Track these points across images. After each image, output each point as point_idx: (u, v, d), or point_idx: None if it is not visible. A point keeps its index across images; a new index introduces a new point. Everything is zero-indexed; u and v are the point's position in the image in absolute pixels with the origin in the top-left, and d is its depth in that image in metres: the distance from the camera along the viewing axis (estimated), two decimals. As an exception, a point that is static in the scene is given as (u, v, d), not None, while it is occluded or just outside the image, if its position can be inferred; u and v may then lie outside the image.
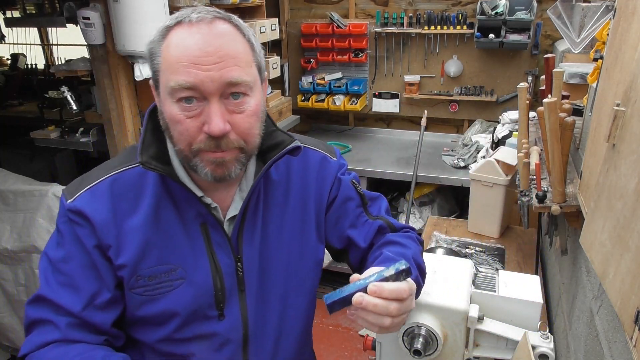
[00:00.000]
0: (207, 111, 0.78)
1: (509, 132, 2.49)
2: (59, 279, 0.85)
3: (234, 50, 0.78)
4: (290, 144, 0.91)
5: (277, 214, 0.97)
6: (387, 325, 0.76)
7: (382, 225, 1.03)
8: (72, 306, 0.84)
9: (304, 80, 3.59)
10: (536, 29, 3.01)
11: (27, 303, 0.87)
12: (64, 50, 4.89)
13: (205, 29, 0.77)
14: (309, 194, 1.00)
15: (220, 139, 0.79)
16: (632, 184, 0.68)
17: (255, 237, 0.94)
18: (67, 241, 0.86)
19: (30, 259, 2.24)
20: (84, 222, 0.85)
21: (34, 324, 0.85)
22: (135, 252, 0.86)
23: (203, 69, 0.75)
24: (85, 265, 0.86)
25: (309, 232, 1.01)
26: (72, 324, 0.84)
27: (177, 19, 0.79)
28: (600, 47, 1.20)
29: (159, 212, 0.87)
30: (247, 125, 0.82)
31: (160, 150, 0.88)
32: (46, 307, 0.85)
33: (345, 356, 2.75)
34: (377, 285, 0.74)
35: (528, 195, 1.27)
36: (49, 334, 0.83)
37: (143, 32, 1.93)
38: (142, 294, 0.87)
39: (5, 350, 2.54)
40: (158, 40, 0.80)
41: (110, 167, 0.90)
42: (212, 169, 0.82)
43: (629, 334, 0.64)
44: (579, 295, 1.15)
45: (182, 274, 0.88)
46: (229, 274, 0.91)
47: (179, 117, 0.78)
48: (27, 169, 2.86)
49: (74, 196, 0.87)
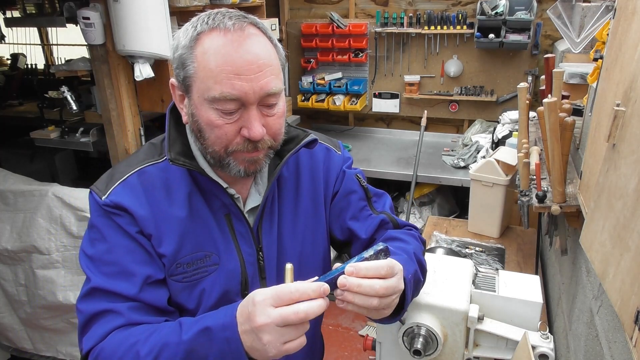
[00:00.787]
0: (246, 117, 0.81)
1: (509, 132, 2.49)
2: (107, 270, 0.86)
3: (268, 57, 0.81)
4: (306, 137, 0.96)
5: (289, 206, 1.01)
6: (375, 305, 0.75)
7: (385, 220, 1.05)
8: (128, 291, 0.85)
9: (304, 80, 3.59)
10: (536, 29, 3.01)
11: (78, 300, 0.87)
12: (64, 50, 4.90)
13: (242, 37, 0.79)
14: (319, 186, 1.04)
15: (258, 142, 0.84)
16: (632, 184, 0.68)
17: (273, 228, 0.97)
18: (108, 233, 0.87)
19: (30, 259, 2.24)
20: (123, 212, 0.87)
21: (93, 318, 0.84)
22: (175, 241, 0.89)
23: (246, 80, 0.78)
24: (132, 250, 0.87)
25: (320, 222, 1.04)
26: (133, 307, 0.85)
27: (209, 24, 0.80)
28: (600, 47, 1.20)
29: (192, 203, 0.91)
30: (278, 127, 0.87)
31: (184, 145, 0.91)
32: (102, 297, 0.84)
33: (345, 356, 2.75)
34: (353, 265, 0.75)
35: (528, 195, 1.27)
36: (111, 322, 0.83)
37: (143, 32, 1.93)
38: (182, 280, 0.90)
39: (5, 350, 2.54)
40: (190, 46, 0.80)
41: (135, 163, 0.93)
42: (245, 166, 0.87)
43: (629, 334, 0.64)
44: (579, 295, 1.15)
45: (216, 260, 0.92)
46: (251, 263, 0.95)
47: (218, 122, 0.81)
48: (27, 169, 2.86)
49: (106, 192, 0.89)
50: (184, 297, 0.91)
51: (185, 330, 0.78)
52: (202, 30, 0.80)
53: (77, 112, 2.52)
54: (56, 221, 2.21)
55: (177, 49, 0.83)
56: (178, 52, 0.83)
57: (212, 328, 0.75)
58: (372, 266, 0.75)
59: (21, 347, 2.45)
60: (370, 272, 0.75)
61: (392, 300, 0.79)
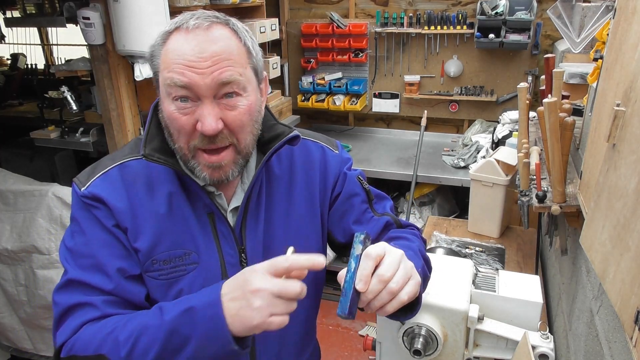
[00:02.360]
0: (200, 111, 0.81)
1: (509, 132, 2.49)
2: (84, 262, 0.86)
3: (228, 53, 0.81)
4: (289, 134, 0.94)
5: (281, 206, 0.99)
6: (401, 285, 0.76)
7: (389, 222, 1.05)
8: (104, 284, 0.85)
9: (304, 80, 3.59)
10: (536, 29, 3.01)
11: (55, 291, 0.86)
12: (64, 50, 4.89)
13: (201, 36, 0.80)
14: (314, 186, 1.02)
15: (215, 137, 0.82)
16: (632, 184, 0.68)
17: (258, 229, 0.95)
18: (86, 225, 0.87)
19: (30, 259, 2.24)
20: (100, 205, 0.87)
21: (69, 311, 0.84)
22: (151, 237, 0.88)
23: (196, 71, 0.79)
24: (108, 244, 0.87)
25: (315, 223, 1.03)
26: (108, 301, 0.85)
27: (176, 24, 0.83)
28: (600, 47, 1.20)
29: (173, 200, 0.90)
30: (239, 123, 0.84)
31: (163, 142, 0.90)
32: (77, 289, 0.84)
33: (345, 356, 2.75)
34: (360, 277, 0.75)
35: (528, 195, 1.27)
36: (86, 315, 0.83)
37: (143, 32, 1.93)
38: (158, 277, 0.89)
39: (5, 350, 2.54)
40: (159, 44, 0.84)
41: (118, 157, 0.93)
42: (209, 172, 0.86)
43: (629, 334, 0.64)
44: (579, 295, 1.15)
45: (195, 259, 0.91)
46: (232, 265, 0.93)
47: (175, 114, 0.82)
48: (27, 169, 2.85)
49: (86, 184, 0.89)
50: (159, 295, 0.90)
51: (166, 312, 0.77)
52: (170, 30, 0.83)
53: (77, 112, 2.52)
54: (56, 221, 2.21)
55: (151, 48, 0.86)
56: (150, 50, 0.86)
57: (195, 307, 0.75)
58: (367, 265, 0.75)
59: (21, 347, 2.45)
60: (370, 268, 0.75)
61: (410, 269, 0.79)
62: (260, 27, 2.77)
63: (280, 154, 0.99)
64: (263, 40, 2.84)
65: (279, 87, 3.59)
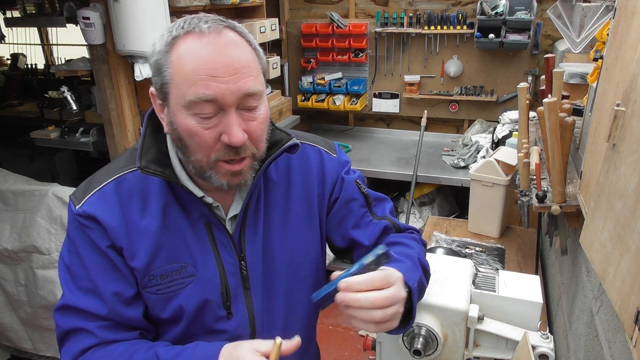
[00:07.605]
0: (225, 122, 0.78)
1: (509, 132, 2.49)
2: (81, 285, 0.86)
3: (245, 59, 0.78)
4: (287, 143, 0.91)
5: (279, 212, 0.97)
6: (379, 318, 0.75)
7: (388, 226, 1.04)
8: (99, 310, 0.85)
9: (304, 80, 3.59)
10: (536, 29, 3.01)
11: (55, 310, 0.88)
12: (64, 50, 4.89)
13: (217, 40, 0.76)
14: (312, 191, 1.01)
15: (240, 148, 0.80)
16: (632, 184, 0.68)
17: (257, 236, 0.94)
18: (81, 248, 0.87)
19: (30, 259, 2.24)
20: (94, 225, 0.86)
21: (67, 334, 0.87)
22: (147, 254, 0.87)
23: (222, 82, 0.75)
24: (103, 267, 0.87)
25: (313, 228, 1.02)
26: (104, 326, 0.86)
27: (185, 29, 0.77)
28: (600, 47, 1.20)
29: (167, 213, 0.88)
30: (260, 132, 0.83)
31: (160, 152, 0.88)
32: (74, 315, 0.86)
33: (345, 356, 2.75)
34: (346, 280, 0.75)
35: (528, 195, 1.27)
36: (83, 341, 0.85)
37: (143, 32, 1.93)
38: (156, 292, 0.89)
39: (5, 350, 2.54)
40: (165, 51, 0.78)
41: (114, 170, 0.91)
42: (229, 179, 0.84)
43: (629, 334, 0.64)
44: (579, 295, 1.15)
45: (192, 271, 0.90)
46: (232, 273, 0.92)
47: (196, 129, 0.78)
48: (27, 169, 2.86)
49: (81, 201, 0.88)
50: (159, 309, 0.90)
51: None
52: (178, 35, 0.77)
53: (77, 112, 2.52)
54: (56, 221, 2.21)
55: (154, 55, 0.80)
56: (154, 57, 0.80)
57: None
58: (364, 280, 0.75)
59: (21, 347, 2.45)
60: (362, 285, 0.75)
61: (396, 310, 0.78)
62: (260, 27, 2.77)
63: (278, 160, 0.97)
64: (263, 40, 2.84)
65: (279, 87, 3.59)
